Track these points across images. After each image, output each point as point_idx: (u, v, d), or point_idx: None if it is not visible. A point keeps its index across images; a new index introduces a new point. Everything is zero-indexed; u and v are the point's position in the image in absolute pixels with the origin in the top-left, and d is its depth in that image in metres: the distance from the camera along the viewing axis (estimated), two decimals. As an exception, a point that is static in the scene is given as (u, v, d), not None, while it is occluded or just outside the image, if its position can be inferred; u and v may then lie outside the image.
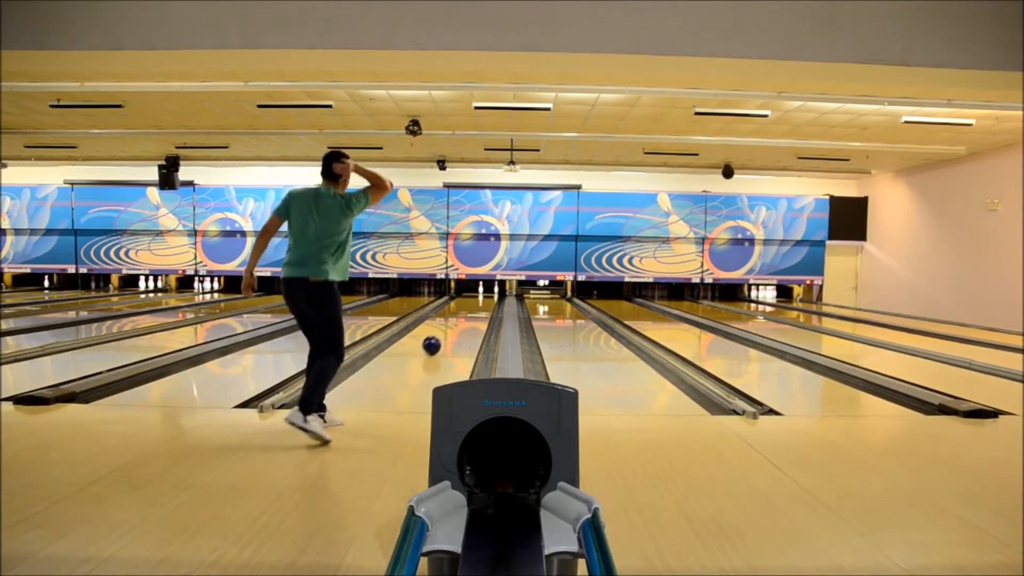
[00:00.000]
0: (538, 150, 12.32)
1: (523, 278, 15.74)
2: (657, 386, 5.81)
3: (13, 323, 9.04)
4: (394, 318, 10.45)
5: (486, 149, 12.36)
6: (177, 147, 12.70)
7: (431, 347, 6.77)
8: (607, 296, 15.70)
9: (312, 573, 2.22)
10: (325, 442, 3.61)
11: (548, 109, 9.09)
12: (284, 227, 3.93)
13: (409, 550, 1.39)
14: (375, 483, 3.06)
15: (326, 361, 3.80)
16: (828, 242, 15.33)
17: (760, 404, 4.77)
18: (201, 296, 14.86)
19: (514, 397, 1.82)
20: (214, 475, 3.13)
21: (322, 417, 3.84)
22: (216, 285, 16.26)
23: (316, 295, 3.76)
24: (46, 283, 16.09)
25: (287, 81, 7.62)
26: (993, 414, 4.55)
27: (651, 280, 15.58)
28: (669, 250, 15.39)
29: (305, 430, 3.60)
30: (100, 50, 4.47)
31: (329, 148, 4.09)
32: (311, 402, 3.70)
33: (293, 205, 3.83)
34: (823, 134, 10.43)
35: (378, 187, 3.99)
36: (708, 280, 15.54)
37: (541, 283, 16.32)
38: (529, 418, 1.80)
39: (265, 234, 3.90)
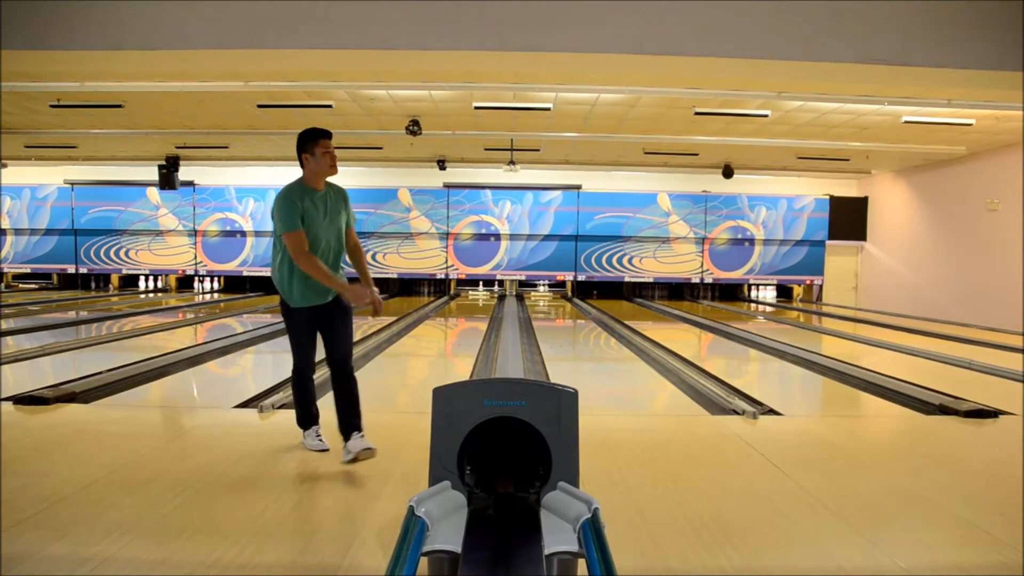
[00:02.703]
0: (538, 150, 12.32)
1: (523, 278, 15.73)
2: (657, 386, 5.81)
3: (13, 323, 9.04)
4: (394, 318, 10.45)
5: (486, 149, 12.35)
6: (177, 147, 12.69)
7: None
8: (607, 296, 15.69)
9: (312, 573, 2.22)
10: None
11: (548, 109, 9.09)
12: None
13: (409, 550, 1.39)
14: (375, 483, 3.06)
15: (352, 376, 3.49)
16: (828, 242, 15.33)
17: (760, 404, 4.77)
18: (201, 296, 14.86)
19: (514, 397, 1.82)
20: (214, 475, 3.13)
21: (319, 436, 3.57)
22: (216, 285, 16.26)
23: (346, 308, 3.40)
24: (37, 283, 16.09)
25: (287, 81, 7.61)
26: (993, 414, 4.55)
27: (651, 280, 15.58)
28: (669, 250, 15.39)
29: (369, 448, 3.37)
30: (100, 50, 4.47)
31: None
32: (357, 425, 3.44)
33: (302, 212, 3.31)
34: (823, 134, 10.42)
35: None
36: (708, 280, 15.54)
37: (541, 287, 16.30)
38: (529, 418, 1.80)
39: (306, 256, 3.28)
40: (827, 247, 15.38)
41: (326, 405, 3.62)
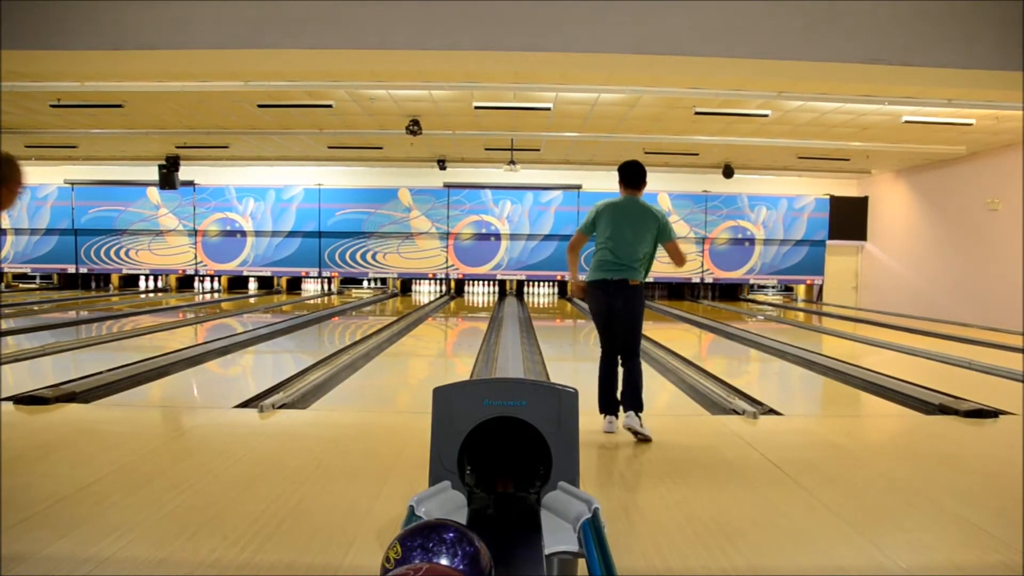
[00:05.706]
0: (538, 150, 12.32)
1: (523, 278, 15.71)
2: (657, 386, 5.80)
3: (13, 323, 9.04)
4: (394, 318, 10.45)
5: (486, 149, 12.35)
6: (177, 147, 12.69)
7: None
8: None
9: (312, 573, 2.22)
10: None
11: (548, 109, 9.09)
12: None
13: (409, 550, 1.39)
14: (375, 483, 3.06)
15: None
16: (828, 242, 15.33)
17: (760, 404, 4.77)
18: (201, 296, 14.85)
19: (514, 397, 1.82)
20: (214, 475, 3.12)
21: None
22: (216, 285, 16.25)
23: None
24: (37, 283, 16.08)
25: (287, 81, 7.62)
26: (993, 414, 4.55)
27: (651, 280, 15.54)
28: (669, 250, 15.35)
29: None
30: (100, 50, 4.46)
31: (329, 147, 4.01)
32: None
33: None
34: (823, 134, 10.42)
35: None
36: (708, 280, 15.53)
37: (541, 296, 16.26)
38: (529, 418, 1.80)
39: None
40: (827, 247, 15.37)
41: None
